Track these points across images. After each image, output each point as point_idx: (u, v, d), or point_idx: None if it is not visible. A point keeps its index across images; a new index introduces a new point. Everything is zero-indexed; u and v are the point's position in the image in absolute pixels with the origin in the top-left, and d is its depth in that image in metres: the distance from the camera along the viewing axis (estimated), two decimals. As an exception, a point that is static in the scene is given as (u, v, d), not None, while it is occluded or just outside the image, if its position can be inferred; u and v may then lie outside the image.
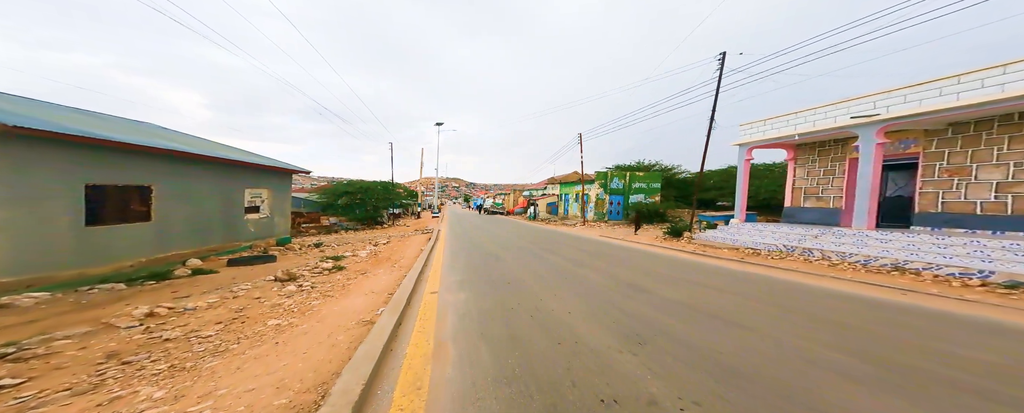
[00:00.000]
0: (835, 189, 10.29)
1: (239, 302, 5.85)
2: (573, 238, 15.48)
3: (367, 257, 11.37)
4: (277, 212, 14.60)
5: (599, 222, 25.22)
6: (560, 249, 11.49)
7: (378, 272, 8.50)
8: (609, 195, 25.65)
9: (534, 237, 15.97)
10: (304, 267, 9.31)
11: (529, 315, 4.62)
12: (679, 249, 11.09)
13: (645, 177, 25.68)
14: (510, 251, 10.96)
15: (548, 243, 13.32)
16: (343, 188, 29.37)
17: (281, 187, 14.95)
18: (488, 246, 12.38)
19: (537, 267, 8.22)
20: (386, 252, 12.43)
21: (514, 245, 12.67)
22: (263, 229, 13.54)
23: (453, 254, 10.60)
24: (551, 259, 9.31)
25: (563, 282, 6.53)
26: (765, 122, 10.79)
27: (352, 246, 15.57)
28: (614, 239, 14.88)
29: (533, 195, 46.68)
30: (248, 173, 12.62)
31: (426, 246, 12.75)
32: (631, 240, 14.27)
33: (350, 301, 5.71)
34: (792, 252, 8.89)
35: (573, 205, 32.31)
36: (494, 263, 8.81)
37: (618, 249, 11.39)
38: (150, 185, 8.61)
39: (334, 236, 23.52)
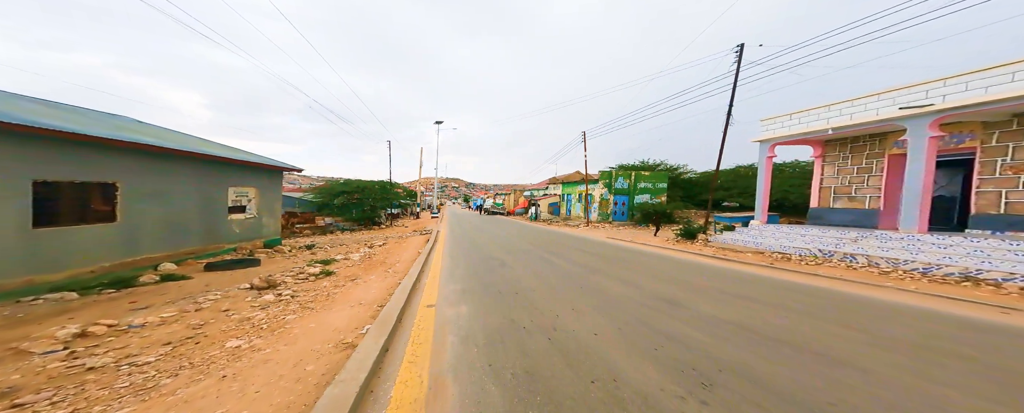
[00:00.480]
0: (871, 188, 9.44)
1: (202, 316, 4.99)
2: (579, 240, 14.62)
3: (360, 261, 10.52)
4: (266, 212, 13.72)
5: (603, 223, 24.39)
6: (568, 252, 10.63)
7: (370, 278, 7.64)
8: (614, 195, 24.81)
9: (538, 239, 15.12)
10: (289, 272, 8.44)
11: (546, 337, 3.77)
12: (696, 252, 10.24)
13: (651, 177, 24.83)
14: (514, 254, 10.10)
15: (554, 245, 12.46)
16: (339, 187, 28.48)
17: (270, 186, 14.08)
18: (490, 248, 11.52)
19: (547, 274, 7.36)
20: (381, 255, 11.58)
21: (518, 247, 11.81)
22: (250, 230, 12.67)
23: (453, 258, 9.74)
24: (560, 264, 8.45)
25: (580, 293, 5.67)
26: (790, 116, 9.94)
27: (346, 248, 14.71)
28: (622, 241, 14.03)
29: (534, 195, 45.84)
30: (232, 171, 11.75)
31: (424, 248, 11.89)
32: (641, 242, 13.42)
33: (332, 315, 4.85)
34: (830, 257, 8.04)
35: (576, 205, 31.48)
36: (498, 269, 7.95)
37: (631, 252, 10.54)
38: (115, 182, 7.74)
39: (329, 237, 22.66)
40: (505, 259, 9.25)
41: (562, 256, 9.78)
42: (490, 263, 8.73)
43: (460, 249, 11.65)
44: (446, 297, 5.53)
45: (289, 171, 15.33)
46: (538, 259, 9.27)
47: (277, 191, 14.73)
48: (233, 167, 11.69)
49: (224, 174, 11.35)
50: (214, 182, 10.96)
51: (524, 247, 11.97)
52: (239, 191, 12.17)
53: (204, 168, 10.47)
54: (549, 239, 15.02)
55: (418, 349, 3.58)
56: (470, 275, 7.31)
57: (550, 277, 7.01)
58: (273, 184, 14.28)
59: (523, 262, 8.83)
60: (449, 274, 7.53)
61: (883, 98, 7.98)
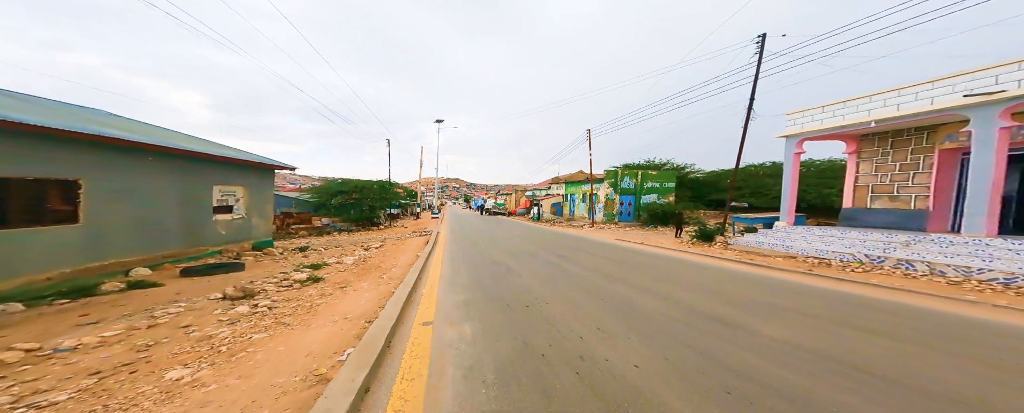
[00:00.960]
0: (918, 187, 8.55)
1: (154, 333, 4.19)
2: (587, 242, 13.80)
3: (353, 265, 9.72)
4: (256, 212, 12.93)
5: (609, 223, 23.57)
6: (578, 256, 9.81)
7: (361, 286, 6.84)
8: (619, 195, 23.99)
9: (544, 240, 14.30)
10: (273, 278, 7.65)
11: (572, 371, 2.96)
12: (717, 256, 9.42)
13: (658, 176, 23.98)
14: (521, 259, 9.29)
15: (562, 248, 11.64)
16: (337, 187, 27.71)
17: (261, 185, 13.29)
18: (494, 252, 10.71)
19: (560, 282, 6.54)
20: (377, 258, 10.78)
21: (523, 250, 11.00)
22: (237, 232, 11.87)
23: (454, 263, 8.93)
24: (573, 270, 7.64)
25: (604, 307, 4.85)
26: (823, 109, 9.08)
27: (341, 250, 13.93)
28: (634, 243, 13.20)
29: (536, 195, 45.03)
30: (218, 168, 10.96)
31: (423, 251, 11.09)
32: (653, 244, 12.59)
33: (309, 334, 4.04)
34: (879, 263, 7.20)
35: (579, 205, 30.66)
36: (505, 276, 7.14)
37: (647, 256, 9.71)
38: (77, 179, 6.94)
39: (325, 238, 21.88)
40: (511, 264, 8.44)
41: (573, 260, 8.97)
42: (495, 269, 7.92)
43: (462, 252, 10.84)
44: (446, 312, 4.72)
45: (281, 169, 14.54)
46: (547, 264, 8.46)
47: (268, 190, 13.94)
48: (218, 165, 10.90)
49: (208, 172, 10.56)
50: (196, 180, 10.17)
51: (530, 250, 11.16)
52: (225, 190, 11.38)
53: (185, 165, 9.68)
54: (555, 241, 14.20)
55: (409, 387, 2.77)
56: (473, 284, 6.50)
57: (564, 286, 6.19)
58: (264, 183, 13.49)
59: (531, 268, 8.01)
60: (450, 282, 6.72)
61: (939, 86, 7.10)
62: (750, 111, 11.19)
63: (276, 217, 24.90)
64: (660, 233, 17.38)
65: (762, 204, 20.38)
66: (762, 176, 21.91)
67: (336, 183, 28.32)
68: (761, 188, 20.92)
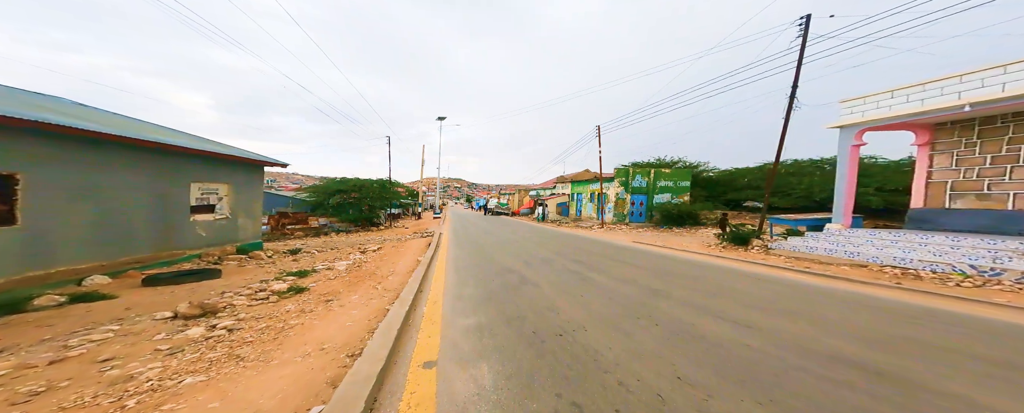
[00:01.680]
0: (1017, 183, 7.26)
1: (56, 371, 3.08)
2: (604, 245, 12.65)
3: (346, 271, 8.62)
4: (242, 212, 11.85)
5: (619, 224, 22.41)
6: (599, 261, 8.67)
7: (351, 299, 5.73)
8: (631, 194, 22.82)
9: (556, 243, 13.16)
10: (248, 288, 6.54)
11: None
12: (764, 263, 8.26)
13: (672, 174, 22.76)
14: (535, 266, 8.15)
15: (577, 252, 10.50)
16: (335, 186, 26.64)
17: (248, 182, 12.20)
18: (502, 256, 9.58)
19: (590, 297, 5.40)
20: (373, 263, 9.68)
21: (535, 255, 9.86)
22: (220, 233, 10.79)
23: (459, 269, 7.81)
24: (602, 281, 6.50)
25: (666, 339, 3.68)
26: (892, 94, 7.80)
27: (336, 253, 12.84)
28: (655, 246, 12.04)
29: (541, 195, 43.89)
30: (197, 164, 9.87)
31: (425, 255, 9.98)
32: (677, 247, 11.44)
33: (264, 378, 2.93)
34: (994, 277, 5.98)
35: (587, 205, 29.52)
36: (520, 288, 6.01)
37: (679, 262, 8.56)
38: (14, 174, 5.85)
39: (321, 240, 20.81)
40: (525, 273, 7.30)
41: (596, 267, 7.82)
42: (507, 278, 6.79)
43: (467, 257, 9.72)
44: (454, 342, 3.60)
45: (271, 166, 13.45)
46: (567, 273, 7.32)
47: (257, 188, 12.85)
48: (197, 159, 9.81)
49: (185, 167, 9.47)
50: (171, 177, 9.08)
51: (543, 254, 10.02)
52: (206, 188, 10.29)
53: (157, 159, 8.60)
54: (568, 243, 13.06)
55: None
56: (485, 299, 5.38)
57: (597, 303, 5.06)
58: (251, 180, 12.40)
59: (549, 277, 6.88)
60: (456, 295, 5.60)
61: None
62: (792, 100, 10.02)
63: (270, 217, 23.85)
64: (677, 234, 16.22)
65: (786, 204, 19.15)
66: (784, 174, 20.69)
67: (334, 182, 27.26)
68: (784, 187, 19.69)
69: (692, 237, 14.91)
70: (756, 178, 22.67)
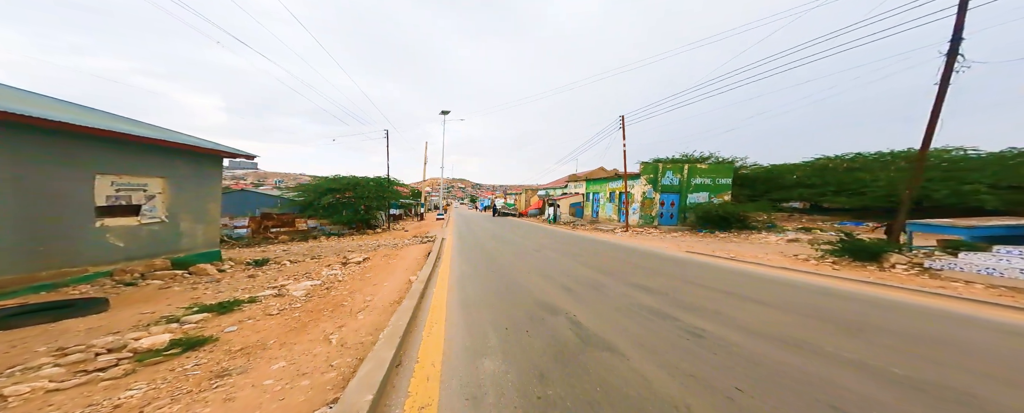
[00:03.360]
0: None
1: None
2: (653, 257, 9.86)
3: (304, 298, 5.97)
4: (187, 215, 9.21)
5: (647, 227, 19.59)
6: (677, 288, 5.89)
7: (268, 371, 3.05)
8: (660, 193, 20.02)
9: (589, 254, 10.39)
10: (116, 334, 3.86)
11: None
12: (948, 293, 5.49)
13: (709, 170, 19.87)
14: (586, 298, 5.40)
15: (629, 269, 7.72)
16: (327, 184, 24.04)
17: (197, 177, 9.57)
18: (529, 276, 6.82)
19: (749, 393, 2.62)
20: (349, 284, 7.00)
21: (573, 273, 7.10)
22: (150, 242, 8.15)
23: (468, 306, 5.06)
24: (723, 337, 3.75)
25: None
26: None
27: (309, 266, 10.20)
28: (721, 259, 9.25)
29: (550, 195, 41.12)
30: (106, 150, 7.24)
31: (421, 273, 7.28)
32: (752, 259, 8.65)
33: None
34: None
35: (605, 206, 26.73)
36: (587, 359, 3.24)
37: (801, 290, 5.79)
38: None
39: (306, 245, 18.18)
40: (577, 315, 4.56)
41: (685, 302, 5.06)
42: (552, 328, 4.05)
43: (479, 277, 7.00)
44: None
45: (232, 157, 10.79)
46: (643, 313, 4.57)
47: (211, 185, 10.21)
48: (109, 144, 7.17)
49: (83, 154, 6.83)
50: (59, 166, 6.43)
51: (582, 273, 7.26)
52: (124, 183, 7.65)
53: (33, 141, 5.96)
54: (604, 254, 10.29)
55: None
56: (529, 377, 2.64)
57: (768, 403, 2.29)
58: (202, 175, 9.76)
59: (622, 325, 4.13)
60: (466, 378, 2.85)
61: None
62: (954, 57, 7.13)
63: (251, 219, 21.30)
64: (729, 241, 13.39)
65: (854, 205, 16.23)
66: (845, 170, 17.80)
67: (326, 180, 24.64)
68: (850, 184, 16.77)
69: (755, 245, 12.08)
70: (807, 174, 19.79)
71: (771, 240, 12.83)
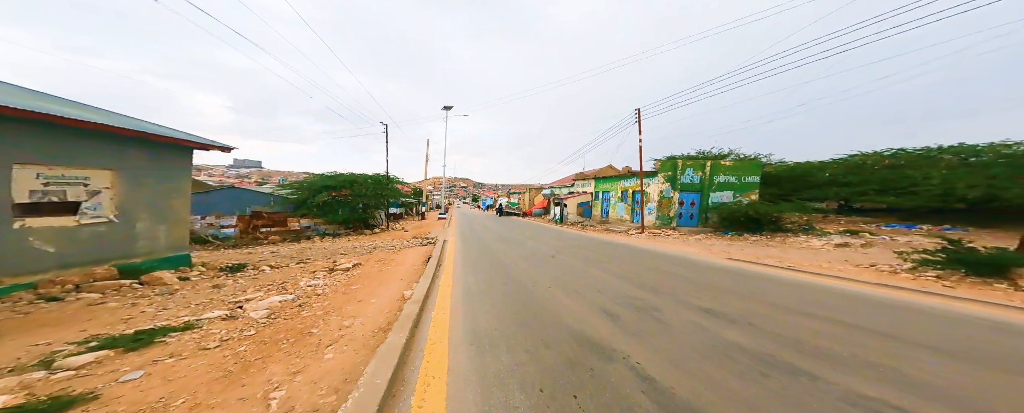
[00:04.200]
0: None
1: None
2: (691, 266, 8.43)
3: (264, 321, 4.63)
4: (147, 213, 7.86)
5: (665, 228, 18.14)
6: (777, 320, 4.46)
7: None
8: (679, 192, 18.56)
9: (617, 263, 8.97)
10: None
11: None
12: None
13: (734, 168, 18.36)
14: (643, 329, 3.97)
15: (680, 285, 6.29)
16: (322, 182, 22.68)
17: (157, 170, 8.21)
18: (554, 293, 5.40)
19: None
20: (329, 300, 5.64)
21: (612, 291, 5.66)
22: (93, 246, 6.78)
23: (480, 338, 3.63)
24: (856, 387, 2.32)
25: None
26: None
27: (295, 270, 8.87)
28: (774, 268, 7.82)
29: (556, 194, 39.70)
30: (33, 136, 5.87)
31: (417, 287, 5.88)
32: (824, 271, 7.22)
33: None
34: None
35: (617, 205, 25.29)
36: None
37: (963, 323, 4.37)
38: None
39: (298, 246, 16.82)
40: (637, 358, 3.14)
41: (814, 351, 3.63)
42: (614, 384, 2.62)
43: (488, 289, 5.60)
44: None
45: (203, 148, 9.43)
46: (748, 358, 3.15)
47: (177, 179, 8.84)
48: (30, 128, 5.78)
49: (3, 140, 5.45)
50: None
51: (620, 289, 5.83)
52: (58, 176, 6.28)
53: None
54: (632, 261, 8.87)
55: None
56: None
57: None
58: (164, 168, 8.39)
59: (718, 378, 2.71)
60: None
61: None
62: None
63: (239, 218, 19.95)
64: (763, 245, 11.93)
65: (903, 205, 14.59)
66: (886, 167, 16.24)
67: (322, 177, 23.28)
68: (894, 182, 15.21)
69: (801, 251, 10.62)
70: (841, 171, 18.25)
71: (815, 244, 11.37)
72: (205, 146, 9.44)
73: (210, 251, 15.39)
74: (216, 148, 9.74)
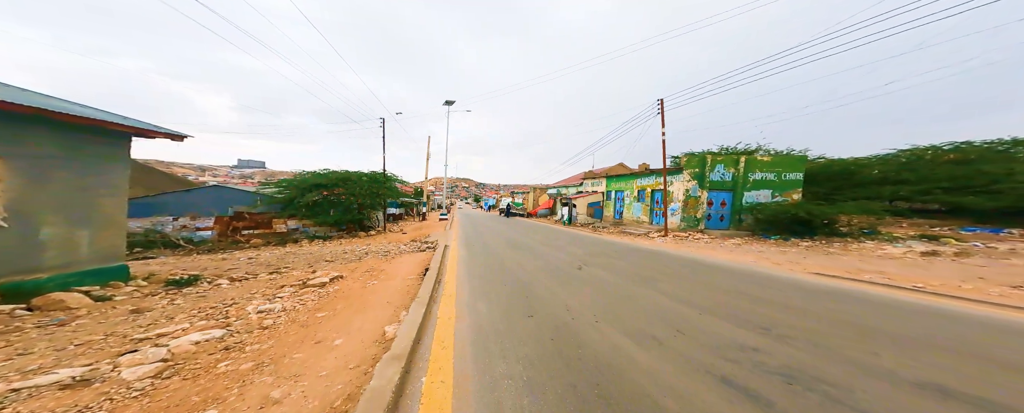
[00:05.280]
0: None
1: None
2: (782, 286, 6.52)
3: (148, 383, 2.64)
4: (59, 216, 6.02)
5: (692, 231, 16.19)
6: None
7: None
8: (707, 191, 16.61)
9: (670, 281, 7.05)
10: None
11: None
12: None
13: (773, 163, 16.09)
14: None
15: (793, 318, 4.37)
16: (312, 179, 20.81)
17: (75, 161, 6.37)
18: (618, 343, 3.48)
19: None
20: (274, 337, 3.68)
21: (707, 336, 3.74)
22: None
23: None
24: None
25: None
26: None
27: (262, 284, 7.02)
28: (899, 290, 5.90)
29: (563, 194, 37.77)
30: None
31: (412, 310, 3.96)
32: (1007, 302, 5.32)
33: None
34: None
35: (633, 205, 23.35)
36: None
37: None
38: None
39: (280, 251, 14.94)
40: None
41: None
42: None
43: (508, 328, 3.67)
44: None
45: (145, 136, 7.56)
46: None
47: (108, 173, 6.99)
48: None
49: None
50: None
51: (717, 331, 3.92)
52: None
53: None
54: (689, 278, 6.96)
55: None
56: None
57: None
58: (85, 157, 6.54)
59: None
60: None
61: None
62: None
63: (218, 220, 18.12)
64: (827, 252, 9.98)
65: (985, 205, 12.39)
66: (948, 163, 14.20)
67: (312, 175, 21.41)
68: (967, 179, 13.19)
69: (883, 260, 8.67)
70: (893, 168, 16.24)
71: (892, 252, 9.42)
72: (147, 132, 7.56)
73: (179, 257, 13.55)
74: (161, 135, 7.87)
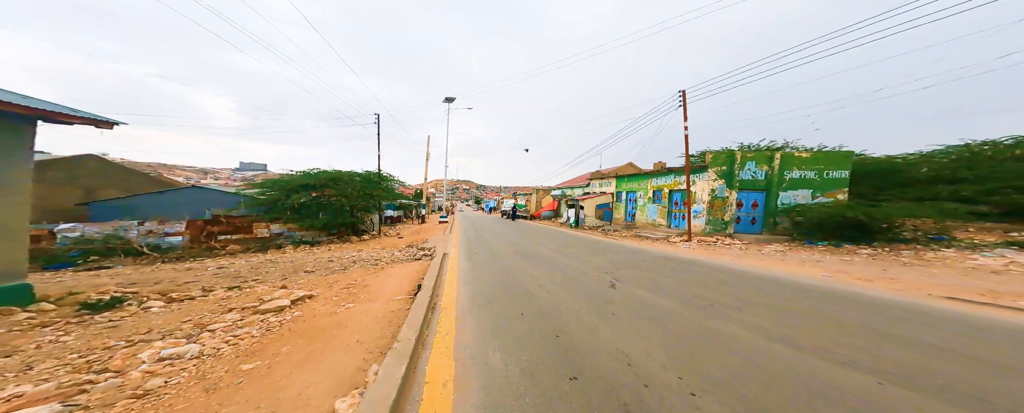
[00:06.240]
0: None
1: None
2: (899, 316, 4.81)
3: None
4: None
5: (719, 235, 14.51)
6: None
7: None
8: (736, 191, 14.92)
9: (750, 310, 5.35)
10: None
11: None
12: None
13: (814, 160, 14.03)
14: None
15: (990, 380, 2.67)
16: (299, 180, 19.14)
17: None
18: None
19: None
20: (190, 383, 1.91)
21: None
22: None
23: None
24: None
25: None
26: None
27: (211, 304, 5.33)
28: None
29: (569, 195, 36.08)
30: None
31: (386, 364, 2.24)
32: None
33: None
34: None
35: (646, 207, 21.67)
36: None
37: None
38: None
39: (259, 259, 13.24)
40: None
41: None
42: None
43: (541, 404, 1.96)
44: None
45: (54, 118, 5.90)
46: None
47: (3, 169, 5.32)
48: None
49: None
50: None
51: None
52: None
53: None
54: (768, 303, 5.27)
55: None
56: None
57: None
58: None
59: None
60: None
61: None
62: None
63: (191, 223, 16.41)
64: (899, 262, 8.29)
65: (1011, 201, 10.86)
66: (1015, 159, 12.48)
67: (300, 175, 19.73)
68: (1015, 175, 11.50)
69: (980, 273, 6.96)
70: (945, 165, 14.55)
71: (988, 264, 7.72)
72: (58, 116, 5.89)
73: (139, 267, 11.89)
74: (79, 120, 6.19)
